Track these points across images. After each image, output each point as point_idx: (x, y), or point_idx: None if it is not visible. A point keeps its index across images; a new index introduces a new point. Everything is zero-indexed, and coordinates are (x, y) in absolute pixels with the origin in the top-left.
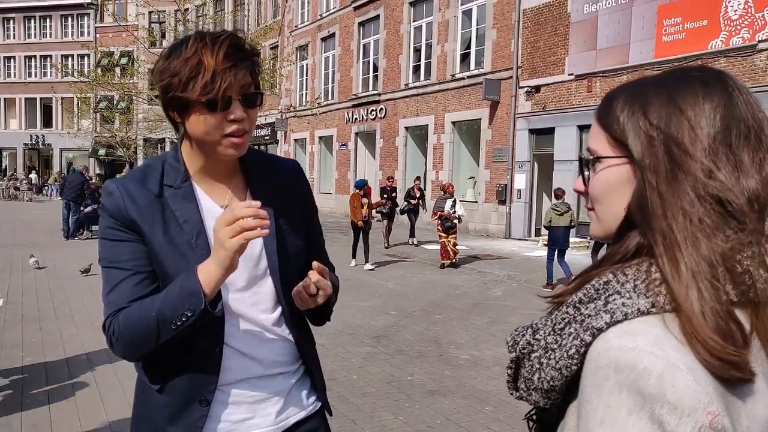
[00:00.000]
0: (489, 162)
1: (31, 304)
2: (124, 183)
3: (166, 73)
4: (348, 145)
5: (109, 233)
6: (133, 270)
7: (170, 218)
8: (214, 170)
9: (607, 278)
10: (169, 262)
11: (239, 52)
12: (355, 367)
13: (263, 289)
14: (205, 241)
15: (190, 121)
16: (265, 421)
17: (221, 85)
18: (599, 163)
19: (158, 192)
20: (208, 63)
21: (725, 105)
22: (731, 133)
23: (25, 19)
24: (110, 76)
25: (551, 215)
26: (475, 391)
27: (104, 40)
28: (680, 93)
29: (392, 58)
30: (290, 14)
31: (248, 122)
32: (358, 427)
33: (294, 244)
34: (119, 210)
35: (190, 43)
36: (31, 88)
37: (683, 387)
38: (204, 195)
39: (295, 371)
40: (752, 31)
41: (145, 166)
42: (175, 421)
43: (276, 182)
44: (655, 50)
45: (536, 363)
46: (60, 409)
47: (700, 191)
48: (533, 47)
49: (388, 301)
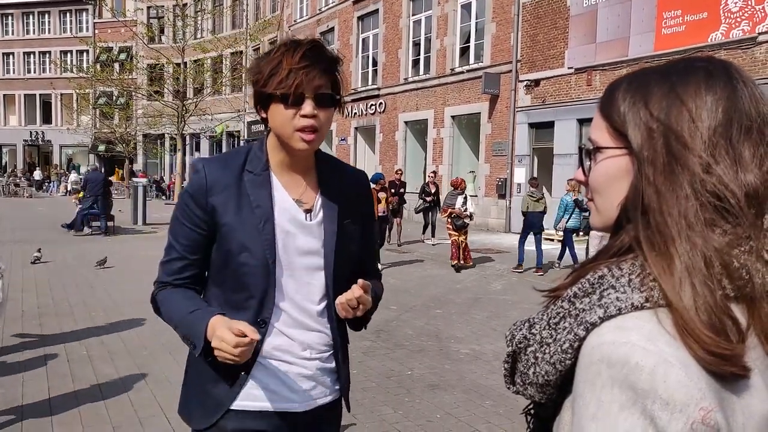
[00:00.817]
0: (489, 156)
1: (31, 300)
2: (210, 162)
3: (255, 70)
4: (347, 140)
5: (183, 211)
6: (183, 255)
7: (245, 201)
8: (292, 165)
9: (602, 272)
10: (234, 240)
11: (318, 56)
12: (355, 361)
13: (315, 281)
14: (272, 228)
15: (270, 113)
16: (296, 397)
17: (294, 82)
18: (599, 154)
19: (238, 175)
20: (286, 62)
21: (728, 97)
22: (732, 126)
23: (24, 14)
24: (109, 71)
25: (528, 201)
26: (476, 386)
27: (103, 36)
28: (682, 84)
29: (391, 52)
30: (289, 9)
31: (319, 121)
32: (358, 421)
33: (349, 246)
34: (200, 188)
35: (280, 47)
36: (30, 84)
37: (675, 382)
38: (279, 186)
39: (326, 359)
40: (752, 23)
41: (233, 152)
42: (217, 383)
43: (343, 184)
44: (654, 43)
45: (531, 357)
46: (60, 405)
47: (696, 186)
48: (533, 41)
49: (389, 296)
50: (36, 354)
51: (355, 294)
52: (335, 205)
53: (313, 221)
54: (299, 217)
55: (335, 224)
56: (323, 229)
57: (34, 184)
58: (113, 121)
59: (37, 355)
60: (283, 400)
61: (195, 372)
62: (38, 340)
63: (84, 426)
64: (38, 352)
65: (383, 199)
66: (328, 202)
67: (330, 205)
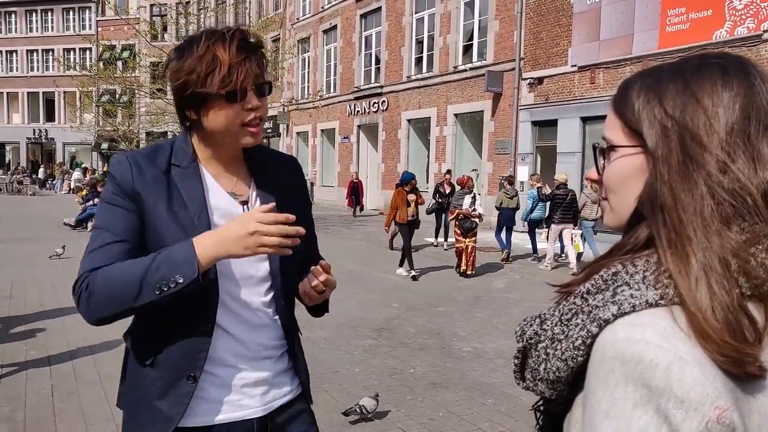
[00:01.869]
0: (492, 154)
1: (35, 298)
2: (134, 155)
3: (182, 72)
4: (350, 138)
5: (111, 198)
6: (122, 238)
7: (175, 194)
8: (222, 159)
9: (616, 269)
10: (169, 235)
11: (249, 45)
12: (358, 360)
13: (259, 274)
14: (207, 220)
15: (209, 115)
16: (252, 403)
17: (238, 77)
18: (614, 152)
19: (165, 169)
20: (223, 57)
21: (745, 94)
22: (750, 123)
23: (27, 12)
24: (112, 69)
25: (502, 198)
26: (478, 384)
27: (106, 34)
28: (697, 81)
29: (394, 50)
30: (292, 6)
31: (263, 110)
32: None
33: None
34: (125, 179)
35: (202, 41)
36: (33, 82)
37: (690, 380)
38: (210, 178)
39: (281, 356)
40: (757, 20)
41: (155, 145)
42: (162, 396)
43: (277, 174)
44: (659, 41)
45: (542, 353)
46: (63, 402)
47: (712, 185)
48: (536, 38)
49: (391, 294)
50: (39, 351)
51: (320, 278)
52: (272, 194)
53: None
54: (236, 210)
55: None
56: None
57: (37, 182)
58: (116, 118)
59: (40, 352)
60: (237, 408)
61: (137, 381)
62: (41, 337)
63: (87, 424)
64: (41, 350)
65: (413, 201)
66: (264, 193)
67: (266, 194)
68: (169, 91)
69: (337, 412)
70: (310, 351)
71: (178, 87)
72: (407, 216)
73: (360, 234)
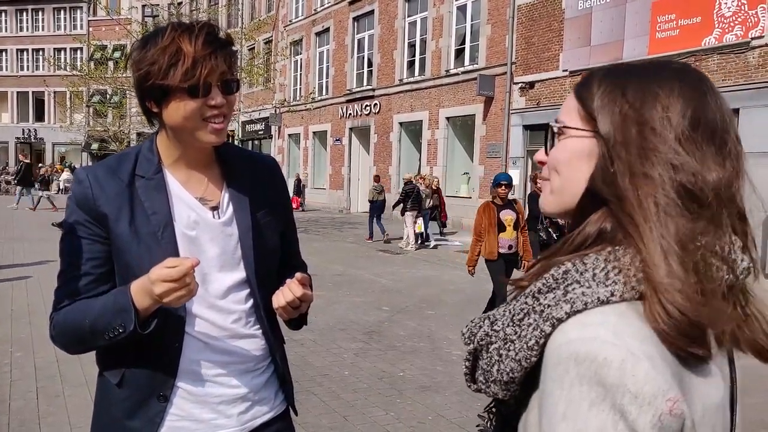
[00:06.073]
0: (483, 158)
1: (21, 299)
2: (95, 171)
3: (144, 62)
4: (342, 141)
5: (70, 227)
6: (84, 271)
7: (138, 209)
8: (191, 161)
9: (566, 267)
10: (131, 253)
11: (217, 41)
12: (347, 362)
13: (236, 283)
14: (172, 233)
15: (169, 108)
16: (229, 422)
17: (202, 72)
18: (563, 134)
19: (128, 182)
20: (187, 50)
21: (697, 105)
22: (699, 128)
23: (18, 11)
24: (103, 69)
25: (373, 194)
26: (467, 387)
27: (97, 34)
28: (659, 81)
29: (387, 53)
30: (284, 9)
31: (227, 108)
32: (350, 423)
33: (270, 239)
34: (86, 200)
35: (167, 32)
36: (23, 82)
37: (644, 375)
38: (179, 186)
39: (264, 370)
40: (745, 28)
41: (119, 155)
42: (133, 416)
43: (253, 176)
44: (648, 47)
45: (495, 355)
46: (49, 405)
47: (669, 174)
48: (527, 43)
49: (381, 297)
50: (26, 354)
51: (296, 293)
52: (245, 197)
53: (221, 218)
54: (206, 216)
55: (248, 217)
56: (235, 225)
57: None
58: (107, 119)
59: (26, 354)
60: (212, 428)
61: (107, 401)
62: (27, 339)
63: (72, 427)
64: (28, 352)
65: (509, 223)
66: (236, 195)
67: (239, 198)
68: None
69: (326, 416)
70: (299, 353)
71: (139, 77)
72: (498, 247)
73: (351, 236)
